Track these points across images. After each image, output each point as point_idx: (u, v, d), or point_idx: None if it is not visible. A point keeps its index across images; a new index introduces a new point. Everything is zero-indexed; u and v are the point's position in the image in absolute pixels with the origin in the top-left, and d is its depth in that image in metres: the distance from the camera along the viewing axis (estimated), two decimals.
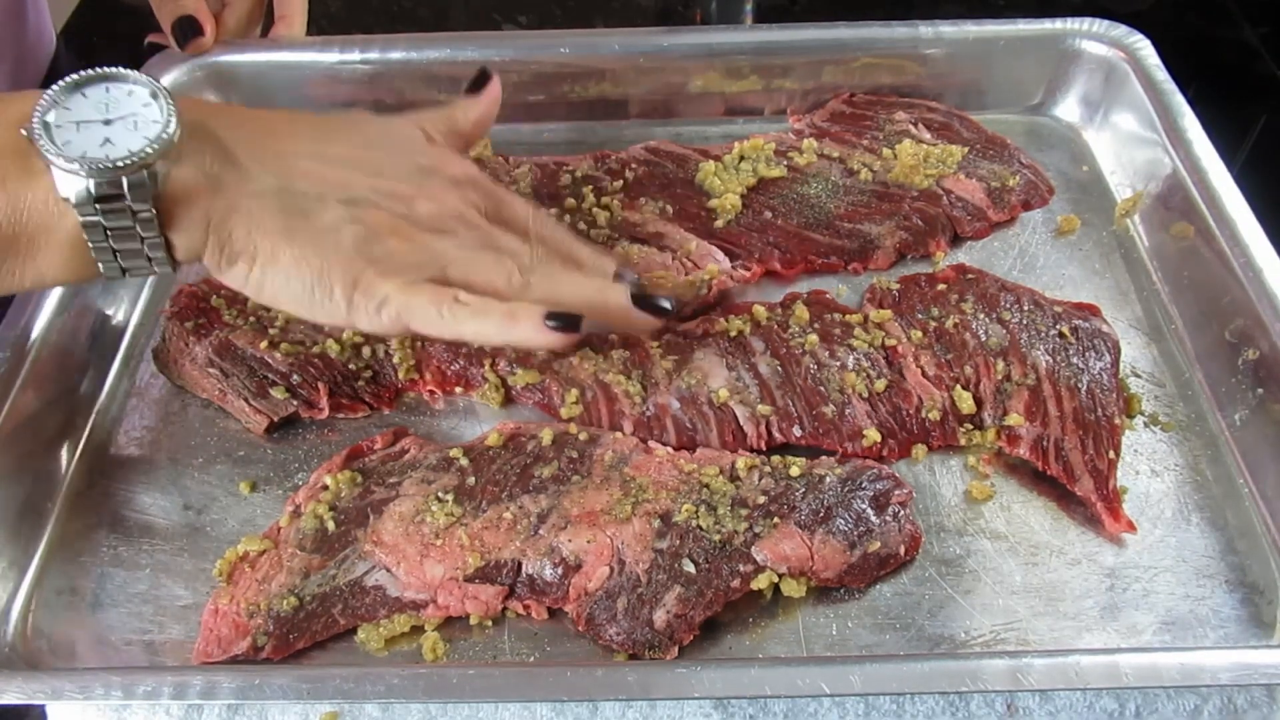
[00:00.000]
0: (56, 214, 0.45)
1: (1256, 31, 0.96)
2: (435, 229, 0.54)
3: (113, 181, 0.45)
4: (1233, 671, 0.47)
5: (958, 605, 0.53)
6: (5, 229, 0.45)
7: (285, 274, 0.51)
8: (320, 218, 0.51)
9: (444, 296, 0.53)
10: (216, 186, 0.48)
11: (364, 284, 0.51)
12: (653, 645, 0.51)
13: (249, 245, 0.50)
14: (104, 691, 0.47)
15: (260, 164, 0.50)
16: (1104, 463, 0.57)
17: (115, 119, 0.46)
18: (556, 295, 0.55)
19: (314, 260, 0.51)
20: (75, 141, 0.45)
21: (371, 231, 0.52)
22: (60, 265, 0.47)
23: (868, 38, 0.78)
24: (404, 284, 0.52)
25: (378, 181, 0.53)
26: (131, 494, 0.59)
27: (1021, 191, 0.72)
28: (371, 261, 0.52)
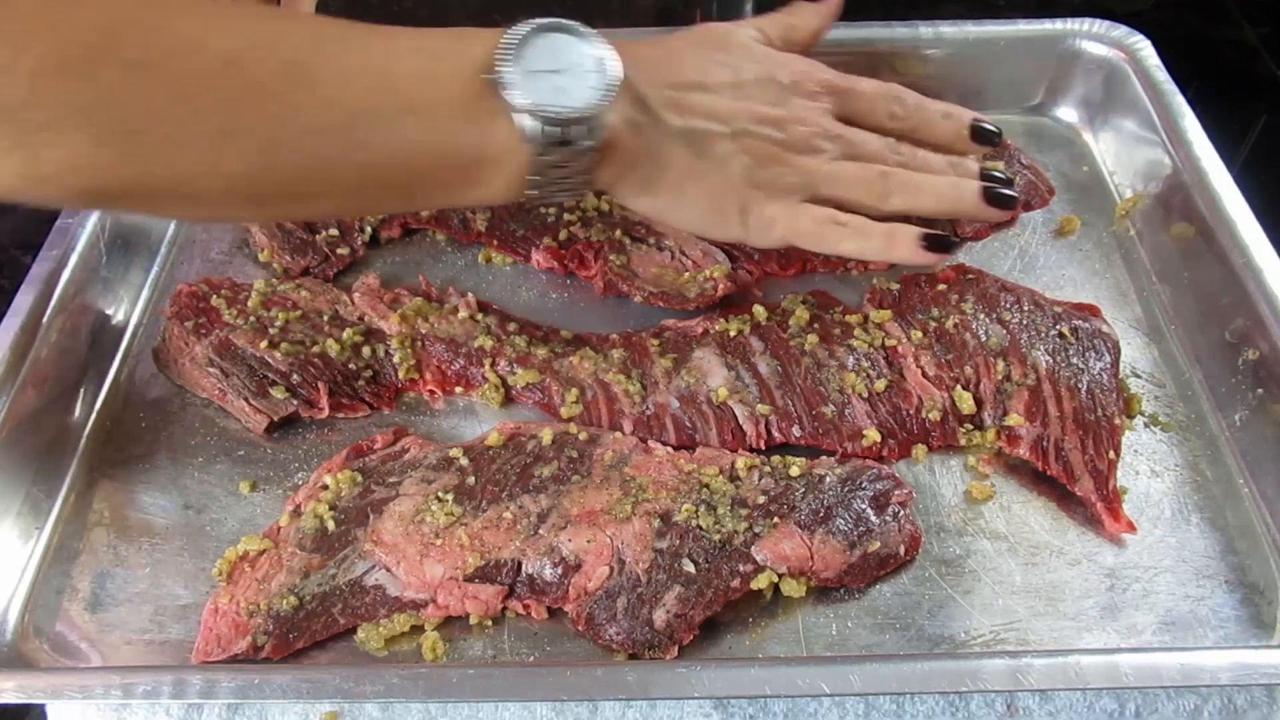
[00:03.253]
0: (514, 150, 0.50)
1: (1256, 31, 0.96)
2: (806, 149, 0.58)
3: (566, 127, 0.50)
4: (1233, 672, 0.47)
5: (958, 605, 0.53)
6: (471, 161, 0.50)
7: (689, 204, 0.57)
8: (714, 153, 0.56)
9: (825, 219, 0.58)
10: (636, 130, 0.53)
11: (755, 209, 0.57)
12: (652, 645, 0.51)
13: (659, 180, 0.55)
14: (103, 691, 0.47)
15: (665, 105, 0.55)
16: (1104, 463, 0.57)
17: (565, 69, 0.50)
18: (917, 204, 0.59)
19: (713, 191, 0.57)
20: (535, 89, 0.49)
21: (756, 160, 0.57)
22: (499, 191, 0.52)
23: (867, 38, 0.78)
24: (787, 206, 0.58)
25: (755, 108, 0.57)
26: (131, 493, 0.59)
27: (1021, 191, 0.72)
28: (758, 187, 0.57)
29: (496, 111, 0.49)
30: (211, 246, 0.73)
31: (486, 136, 0.49)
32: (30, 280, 0.63)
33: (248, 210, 0.50)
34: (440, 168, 0.50)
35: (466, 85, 0.49)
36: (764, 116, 0.57)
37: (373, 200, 0.53)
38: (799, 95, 0.59)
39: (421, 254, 0.72)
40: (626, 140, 0.53)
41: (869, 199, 0.59)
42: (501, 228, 0.71)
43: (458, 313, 0.65)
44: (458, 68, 0.49)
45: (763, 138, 0.57)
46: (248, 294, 0.66)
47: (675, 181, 0.56)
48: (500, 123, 0.49)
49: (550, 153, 0.50)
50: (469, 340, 0.63)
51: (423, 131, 0.49)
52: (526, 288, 0.70)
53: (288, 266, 0.70)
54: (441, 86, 0.49)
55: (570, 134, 0.50)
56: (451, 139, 0.49)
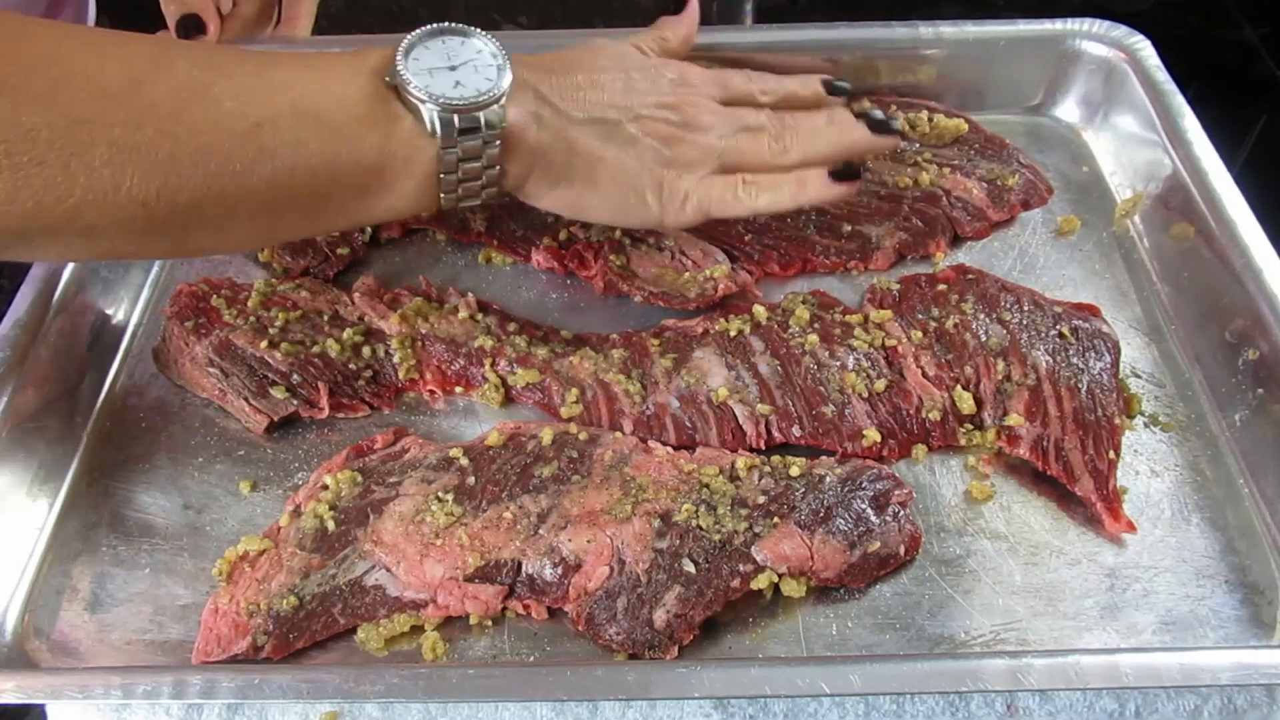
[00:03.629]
0: (419, 148, 0.51)
1: (1256, 31, 0.96)
2: (700, 127, 0.61)
3: (471, 115, 0.51)
4: (1233, 672, 0.47)
5: (958, 605, 0.53)
6: (376, 163, 0.50)
7: (602, 191, 0.58)
8: (620, 139, 0.58)
9: (735, 182, 0.60)
10: (539, 121, 0.54)
11: (668, 186, 0.59)
12: (652, 645, 0.51)
13: (569, 170, 0.57)
14: (103, 691, 0.47)
15: (564, 99, 0.56)
16: (1104, 463, 0.57)
17: (459, 64, 0.52)
18: (814, 152, 0.62)
19: (625, 176, 0.58)
20: (433, 84, 0.51)
21: (661, 141, 0.59)
22: (410, 196, 0.53)
23: (868, 38, 0.78)
24: (698, 180, 0.60)
25: (649, 97, 0.59)
26: (131, 493, 0.59)
27: (1020, 191, 0.72)
28: (668, 165, 0.59)
29: (397, 115, 0.51)
30: None
31: (390, 137, 0.50)
32: (30, 280, 0.63)
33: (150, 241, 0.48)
34: (347, 174, 0.50)
35: (366, 91, 0.50)
36: (657, 103, 0.60)
37: (282, 220, 0.51)
38: (682, 85, 0.62)
39: (421, 254, 0.72)
40: (531, 133, 0.54)
41: (770, 157, 0.62)
42: (501, 228, 0.71)
43: (458, 313, 0.65)
44: (355, 76, 0.50)
45: (662, 120, 0.59)
46: (248, 294, 0.66)
47: (586, 170, 0.57)
48: (402, 122, 0.50)
49: (455, 145, 0.51)
50: (469, 340, 0.63)
51: (325, 138, 0.49)
52: (526, 288, 0.70)
53: (288, 266, 0.70)
54: (341, 94, 0.50)
55: (472, 121, 0.51)
56: (355, 143, 0.50)
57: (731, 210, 0.61)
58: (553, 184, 0.57)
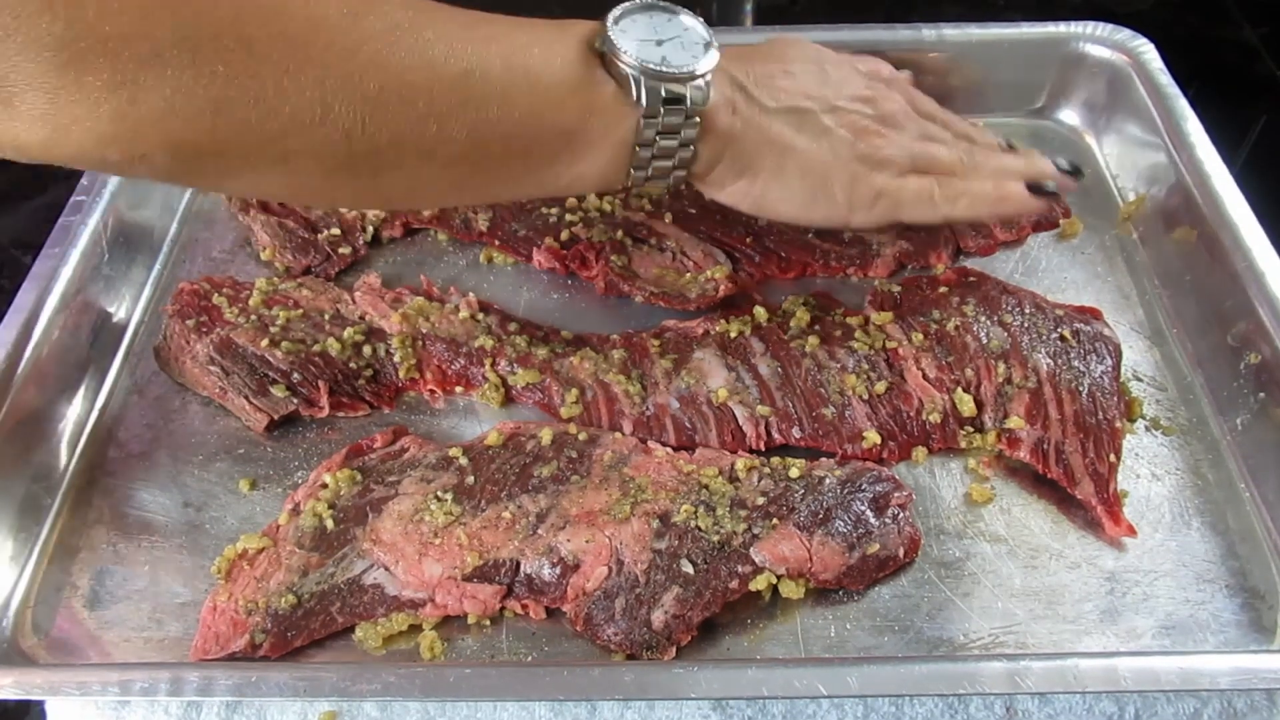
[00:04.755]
0: (620, 116, 0.51)
1: (1256, 31, 0.96)
2: (895, 125, 0.60)
3: (677, 89, 0.50)
4: (1232, 676, 0.47)
5: (957, 608, 0.53)
6: (575, 126, 0.50)
7: (789, 182, 0.56)
8: (813, 129, 0.56)
9: (930, 183, 0.59)
10: (734, 108, 0.54)
11: (860, 182, 0.57)
12: (650, 646, 0.50)
13: (759, 158, 0.55)
14: (101, 688, 0.47)
15: (759, 86, 0.55)
16: (1105, 466, 0.57)
17: (666, 40, 0.51)
18: (1005, 169, 0.61)
19: (816, 167, 0.56)
20: (643, 54, 0.50)
21: (855, 134, 0.57)
22: (601, 167, 0.52)
23: (870, 40, 0.78)
24: (891, 177, 0.58)
25: (844, 89, 0.59)
26: (131, 491, 0.59)
27: (1032, 213, 0.72)
28: (861, 160, 0.57)
29: (604, 79, 0.50)
30: (213, 245, 0.73)
31: (594, 101, 0.50)
32: (32, 278, 0.63)
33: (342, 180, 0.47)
34: (547, 134, 0.50)
35: (573, 55, 0.50)
36: (855, 94, 0.59)
37: (474, 175, 0.51)
38: (877, 80, 0.62)
39: (423, 253, 0.72)
40: (727, 116, 0.53)
41: (959, 169, 0.60)
42: (503, 228, 0.71)
43: (459, 312, 0.65)
44: (563, 40, 0.50)
45: (858, 113, 0.58)
46: (249, 293, 0.66)
47: (776, 160, 0.56)
48: (607, 88, 0.50)
49: (656, 117, 0.50)
50: (469, 340, 0.63)
51: (532, 95, 0.48)
52: (528, 288, 0.70)
53: (289, 265, 0.70)
54: (548, 55, 0.49)
55: (680, 94, 0.50)
56: (559, 103, 0.49)
57: (924, 215, 0.59)
58: (739, 172, 0.56)
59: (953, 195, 0.59)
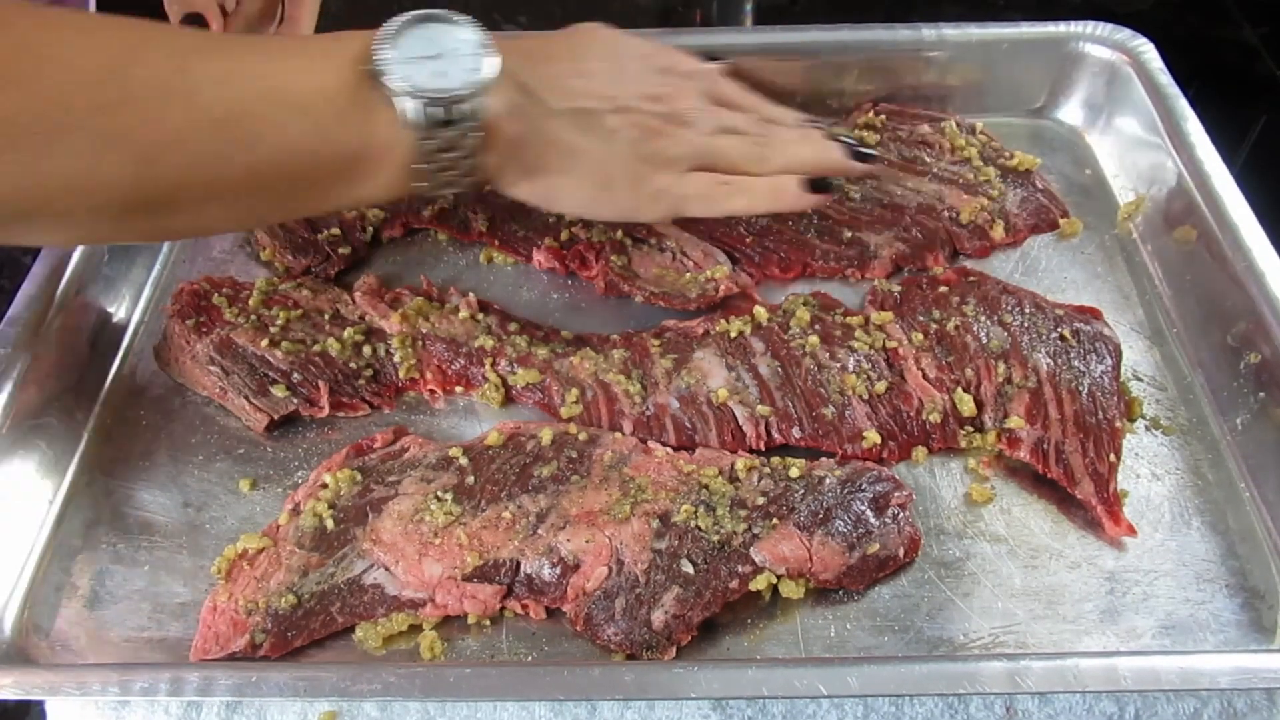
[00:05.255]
0: (397, 139, 0.50)
1: (1256, 31, 0.96)
2: (684, 122, 0.61)
3: (450, 108, 0.50)
4: (1232, 675, 0.47)
5: (957, 608, 0.53)
6: (354, 152, 0.50)
7: (577, 182, 0.57)
8: (599, 130, 0.58)
9: (711, 181, 0.60)
10: (519, 113, 0.53)
11: (644, 181, 0.58)
12: (650, 645, 0.50)
13: (545, 161, 0.56)
14: (101, 688, 0.47)
15: (545, 89, 0.56)
16: (1105, 466, 0.57)
17: (442, 54, 0.51)
18: (791, 163, 0.62)
19: (601, 167, 0.57)
20: (414, 75, 0.49)
21: (641, 134, 0.59)
22: (385, 185, 0.52)
23: (870, 40, 0.78)
24: (675, 176, 0.59)
25: (632, 88, 0.60)
26: (131, 491, 0.59)
27: (1030, 216, 0.72)
28: (645, 160, 0.58)
29: (377, 101, 0.49)
30: (213, 245, 0.73)
31: (368, 126, 0.49)
32: (32, 278, 0.63)
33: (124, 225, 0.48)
34: (325, 162, 0.50)
35: (345, 78, 0.49)
36: (642, 94, 0.60)
37: (258, 205, 0.51)
38: (673, 75, 0.62)
39: (423, 253, 0.72)
40: (510, 124, 0.53)
41: (747, 164, 0.61)
42: (503, 228, 0.71)
43: (458, 312, 0.65)
44: (336, 63, 0.49)
45: (645, 112, 0.59)
46: (249, 293, 0.66)
47: (562, 161, 0.56)
48: (381, 111, 0.49)
49: (434, 137, 0.50)
50: (469, 340, 0.63)
51: (303, 126, 0.48)
52: (528, 288, 0.70)
53: (289, 265, 0.70)
54: (319, 81, 0.49)
55: (454, 114, 0.50)
56: (333, 132, 0.49)
57: (706, 210, 0.61)
58: (528, 174, 0.56)
59: (732, 192, 0.60)
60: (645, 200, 0.59)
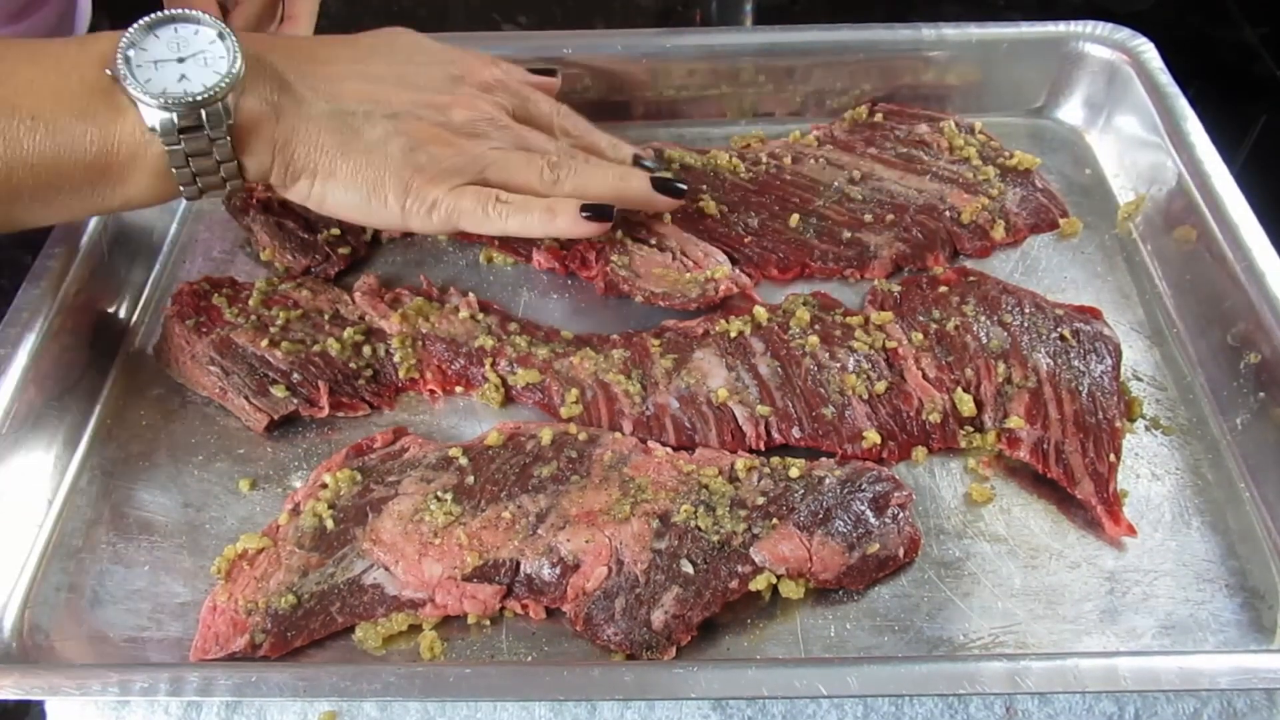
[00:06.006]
0: (143, 143, 0.49)
1: (1256, 31, 0.96)
2: (471, 134, 0.59)
3: (192, 114, 0.49)
4: (1232, 676, 0.47)
5: (956, 608, 0.53)
6: (99, 159, 0.49)
7: (343, 187, 0.56)
8: (369, 133, 0.56)
9: (488, 197, 0.58)
10: (278, 113, 0.53)
11: (414, 190, 0.57)
12: (650, 646, 0.50)
13: (309, 163, 0.55)
14: (100, 688, 0.47)
15: (312, 90, 0.55)
16: (1104, 466, 0.57)
17: (188, 56, 0.50)
18: (585, 188, 0.60)
19: (368, 172, 0.56)
20: (155, 79, 0.49)
21: (416, 141, 0.57)
22: (146, 188, 0.51)
23: (870, 40, 0.78)
24: (450, 188, 0.58)
25: (416, 94, 0.58)
26: (131, 491, 0.59)
27: (1030, 216, 0.72)
28: (419, 169, 0.57)
29: (122, 107, 0.49)
30: (213, 245, 0.73)
31: (111, 132, 0.49)
32: (32, 278, 0.63)
33: None
34: (68, 170, 0.49)
35: (88, 83, 0.48)
36: (426, 101, 0.58)
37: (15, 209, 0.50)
38: (470, 85, 0.61)
39: (423, 254, 0.72)
40: (267, 123, 0.52)
41: (538, 183, 0.60)
42: None
43: (458, 312, 0.65)
44: (77, 67, 0.49)
45: (424, 119, 0.58)
46: (249, 293, 0.66)
47: (328, 164, 0.55)
48: (127, 117, 0.49)
49: (180, 142, 0.49)
50: (469, 340, 0.63)
51: (40, 136, 0.47)
52: (528, 288, 0.70)
53: (289, 265, 0.70)
54: (58, 87, 0.48)
55: (198, 119, 0.49)
56: (72, 140, 0.48)
57: (479, 226, 0.59)
58: (294, 175, 0.55)
59: (509, 210, 0.58)
60: (417, 210, 0.58)
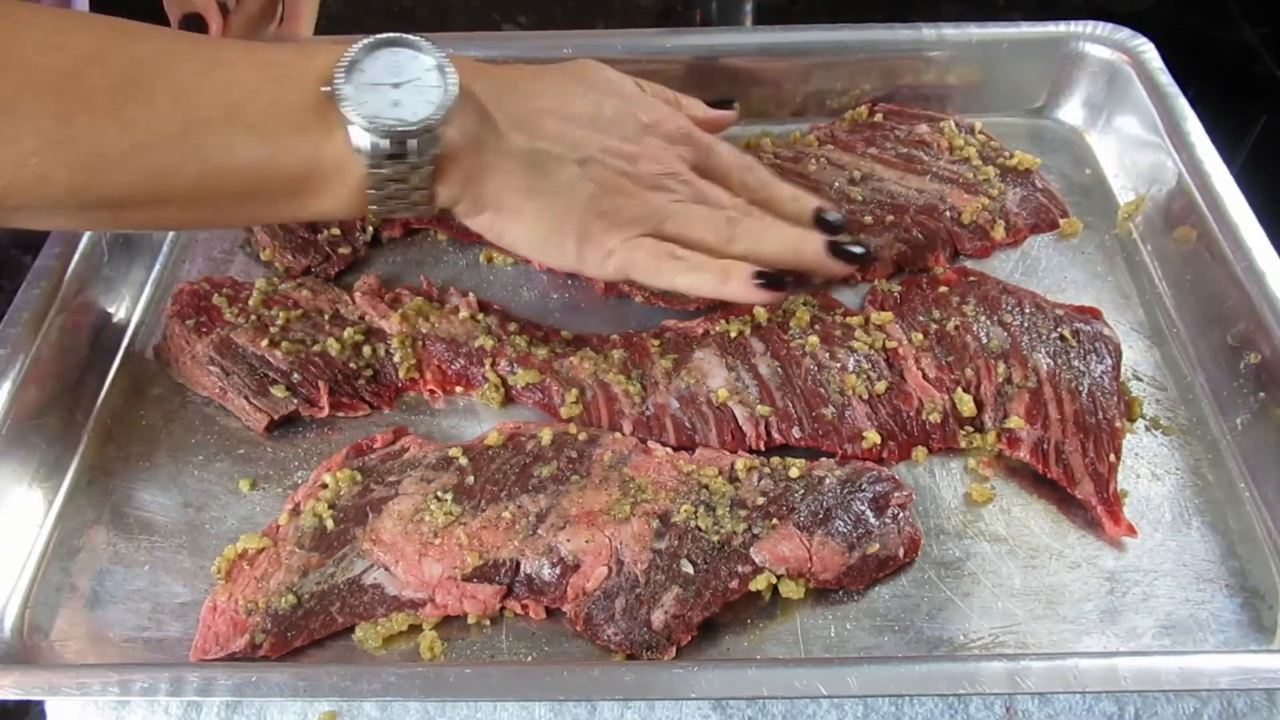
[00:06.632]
0: (348, 163, 0.50)
1: (1256, 31, 0.96)
2: (654, 185, 0.59)
3: (401, 141, 0.49)
4: (1232, 676, 0.47)
5: (957, 608, 0.53)
6: (304, 172, 0.50)
7: (527, 226, 0.56)
8: (559, 177, 0.56)
9: (663, 252, 0.58)
10: (478, 147, 0.53)
11: (594, 238, 0.57)
12: (650, 646, 0.50)
13: (498, 198, 0.55)
14: (100, 688, 0.47)
15: (514, 126, 0.55)
16: (1105, 466, 0.57)
17: (404, 83, 0.50)
18: (759, 248, 0.59)
19: (553, 215, 0.56)
20: (370, 102, 0.49)
21: (602, 189, 0.57)
22: (339, 204, 0.52)
23: (870, 40, 0.78)
24: (627, 238, 0.57)
25: (607, 141, 0.58)
26: (131, 491, 0.59)
27: (1030, 216, 0.72)
28: (600, 216, 0.57)
29: (334, 125, 0.49)
30: (213, 245, 0.73)
31: (321, 149, 0.49)
32: (32, 278, 0.63)
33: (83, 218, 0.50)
34: (275, 179, 0.50)
35: (305, 98, 0.49)
36: (615, 149, 0.58)
37: (214, 210, 0.52)
38: (656, 135, 0.61)
39: (423, 254, 0.72)
40: (467, 156, 0.53)
41: (713, 240, 0.59)
42: None
43: (458, 312, 0.65)
44: (298, 81, 0.49)
45: (611, 168, 0.58)
46: (249, 293, 0.66)
47: (516, 202, 0.55)
48: (336, 135, 0.49)
49: (384, 166, 0.50)
50: (469, 340, 0.63)
51: (255, 144, 0.48)
52: (527, 288, 0.70)
53: (289, 265, 0.70)
54: (278, 99, 0.49)
55: (405, 148, 0.49)
56: (284, 151, 0.49)
57: (651, 279, 0.59)
58: (480, 208, 0.55)
59: (681, 268, 0.58)
60: (592, 257, 0.57)
